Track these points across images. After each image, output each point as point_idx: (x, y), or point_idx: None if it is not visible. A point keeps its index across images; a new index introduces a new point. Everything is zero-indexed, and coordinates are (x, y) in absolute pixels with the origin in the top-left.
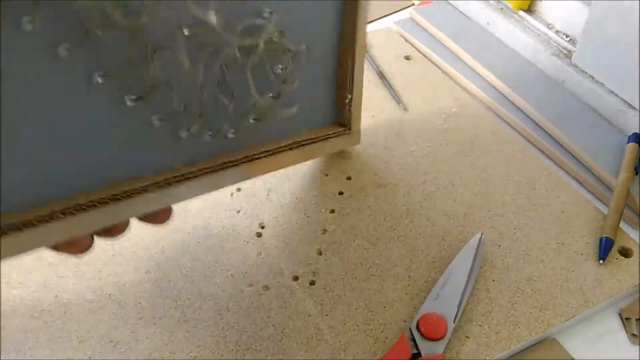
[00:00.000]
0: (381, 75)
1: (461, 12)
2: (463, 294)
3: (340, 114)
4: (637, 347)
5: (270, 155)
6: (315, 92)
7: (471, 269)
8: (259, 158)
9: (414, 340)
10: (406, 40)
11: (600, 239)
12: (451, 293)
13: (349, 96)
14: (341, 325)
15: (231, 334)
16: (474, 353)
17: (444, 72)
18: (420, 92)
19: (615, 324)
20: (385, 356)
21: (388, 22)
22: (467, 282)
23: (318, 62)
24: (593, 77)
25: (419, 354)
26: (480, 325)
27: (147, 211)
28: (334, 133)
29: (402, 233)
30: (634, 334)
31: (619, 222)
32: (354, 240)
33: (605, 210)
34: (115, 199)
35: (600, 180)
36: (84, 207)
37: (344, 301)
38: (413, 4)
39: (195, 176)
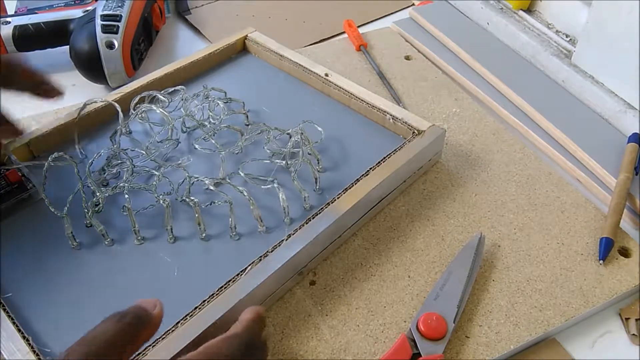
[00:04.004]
0: (381, 75)
1: (461, 12)
2: (463, 294)
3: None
4: (637, 347)
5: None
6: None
7: (471, 269)
8: (339, 197)
9: (414, 340)
10: (406, 40)
11: (600, 239)
12: (451, 293)
13: (388, 117)
14: (341, 325)
15: None
16: (474, 353)
17: (444, 72)
18: (420, 92)
19: (615, 324)
20: (385, 356)
21: (388, 22)
22: (467, 282)
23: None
24: (593, 77)
25: (419, 354)
26: (480, 325)
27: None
28: (404, 142)
29: (402, 233)
30: (634, 334)
31: (619, 222)
32: (354, 240)
33: (605, 210)
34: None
35: (600, 180)
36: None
37: (344, 301)
38: (413, 4)
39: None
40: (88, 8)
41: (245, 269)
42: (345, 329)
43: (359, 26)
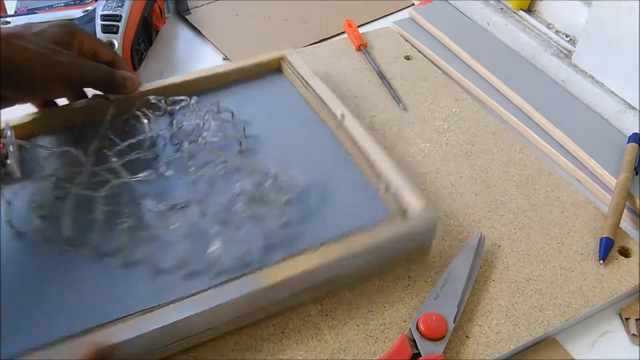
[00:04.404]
0: (381, 75)
1: (461, 12)
2: (463, 294)
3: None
4: (637, 347)
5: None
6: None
7: (471, 269)
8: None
9: (414, 340)
10: (406, 40)
11: (600, 239)
12: (451, 293)
13: (381, 186)
14: (341, 325)
15: (231, 333)
16: (474, 353)
17: (444, 72)
18: (420, 92)
19: (615, 324)
20: (385, 356)
21: (388, 22)
22: (467, 282)
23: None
24: (593, 77)
25: (419, 354)
26: (480, 325)
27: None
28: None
29: None
30: (634, 334)
31: (619, 222)
32: None
33: (605, 210)
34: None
35: (600, 180)
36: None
37: (344, 301)
38: (413, 4)
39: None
40: (88, 8)
41: (119, 319)
42: (345, 329)
43: (359, 26)
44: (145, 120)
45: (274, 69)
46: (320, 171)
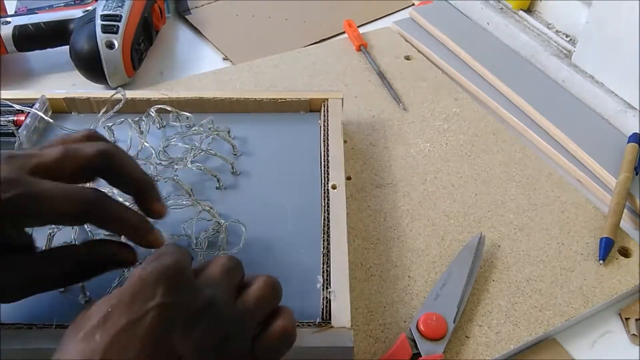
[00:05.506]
0: (381, 75)
1: (461, 12)
2: (463, 294)
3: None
4: (637, 347)
5: None
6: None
7: (471, 269)
8: None
9: (414, 340)
10: (406, 40)
11: (600, 239)
12: (451, 293)
13: (327, 289)
14: None
15: None
16: (474, 353)
17: (444, 72)
18: (420, 92)
19: (615, 324)
20: (385, 356)
21: (388, 22)
22: (467, 282)
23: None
24: (593, 77)
25: (419, 354)
26: (480, 325)
27: None
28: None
29: (402, 233)
30: (634, 334)
31: (619, 222)
32: (354, 240)
33: (605, 210)
34: None
35: (600, 180)
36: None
37: None
38: (413, 4)
39: None
40: (88, 8)
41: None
42: None
43: (359, 26)
44: (133, 125)
45: (316, 108)
46: (279, 234)
